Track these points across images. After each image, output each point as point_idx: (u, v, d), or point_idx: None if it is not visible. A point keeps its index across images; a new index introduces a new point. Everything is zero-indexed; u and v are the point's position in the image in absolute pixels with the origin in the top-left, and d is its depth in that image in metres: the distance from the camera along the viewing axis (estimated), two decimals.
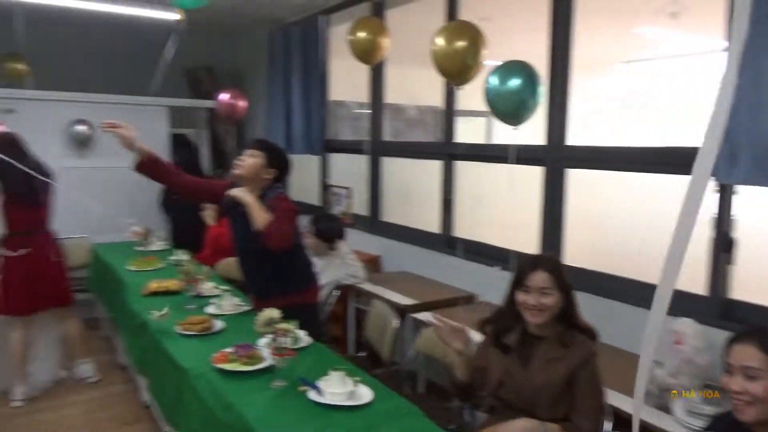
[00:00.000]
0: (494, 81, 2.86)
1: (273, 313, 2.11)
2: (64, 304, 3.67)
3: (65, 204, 3.94)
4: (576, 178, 3.13)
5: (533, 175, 3.25)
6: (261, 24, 5.75)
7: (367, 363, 3.09)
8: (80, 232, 4.55)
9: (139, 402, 3.49)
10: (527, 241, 3.30)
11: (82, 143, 4.98)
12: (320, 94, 4.99)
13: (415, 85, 5.02)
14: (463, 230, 3.88)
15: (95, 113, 5.02)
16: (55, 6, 4.29)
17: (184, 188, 3.01)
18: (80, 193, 4.37)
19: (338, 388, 1.93)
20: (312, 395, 1.93)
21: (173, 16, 4.11)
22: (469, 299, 3.51)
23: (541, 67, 2.98)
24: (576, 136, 3.14)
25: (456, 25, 3.22)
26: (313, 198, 5.44)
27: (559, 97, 3.10)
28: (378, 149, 4.59)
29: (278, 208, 2.64)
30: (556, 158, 3.14)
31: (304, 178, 5.46)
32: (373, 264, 4.24)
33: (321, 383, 1.96)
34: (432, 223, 4.03)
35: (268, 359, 2.13)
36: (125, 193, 4.85)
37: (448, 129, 3.88)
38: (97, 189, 4.78)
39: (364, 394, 1.96)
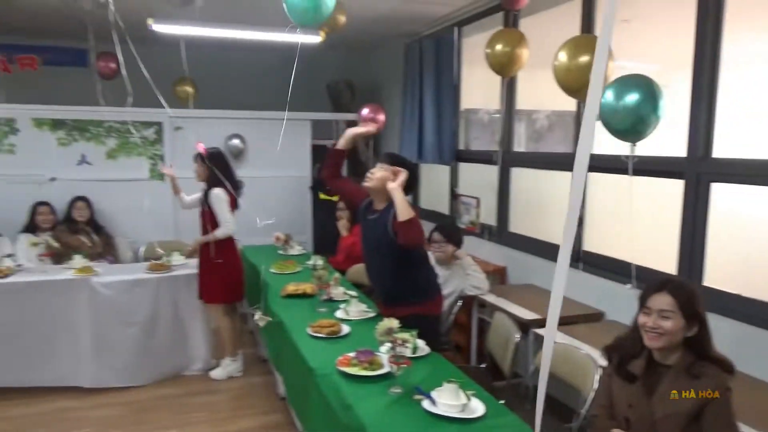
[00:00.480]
0: (609, 97, 2.69)
1: (392, 323, 2.22)
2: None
3: None
4: (721, 193, 2.87)
5: (671, 189, 3.04)
6: (397, 39, 5.97)
7: (488, 375, 3.10)
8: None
9: (276, 394, 3.82)
10: (664, 259, 3.08)
11: (236, 155, 5.53)
12: (452, 104, 5.07)
13: (547, 90, 4.89)
14: (594, 244, 3.71)
15: (248, 128, 5.59)
16: (214, 36, 4.84)
17: (342, 186, 3.33)
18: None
19: (451, 400, 1.98)
20: (426, 405, 2.00)
21: (315, 38, 4.44)
22: (596, 317, 3.36)
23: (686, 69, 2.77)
24: (724, 145, 2.88)
25: (579, 40, 3.11)
26: (442, 207, 5.52)
27: (705, 103, 2.86)
28: (508, 160, 4.55)
29: None
30: (699, 171, 2.91)
31: (433, 186, 5.57)
32: (498, 275, 4.21)
33: (435, 394, 2.02)
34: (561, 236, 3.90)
35: (386, 366, 2.24)
36: (272, 201, 5.30)
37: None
38: (249, 196, 5.28)
39: (477, 407, 1.99)
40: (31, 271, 4.00)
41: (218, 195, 3.88)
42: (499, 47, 3.74)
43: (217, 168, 3.85)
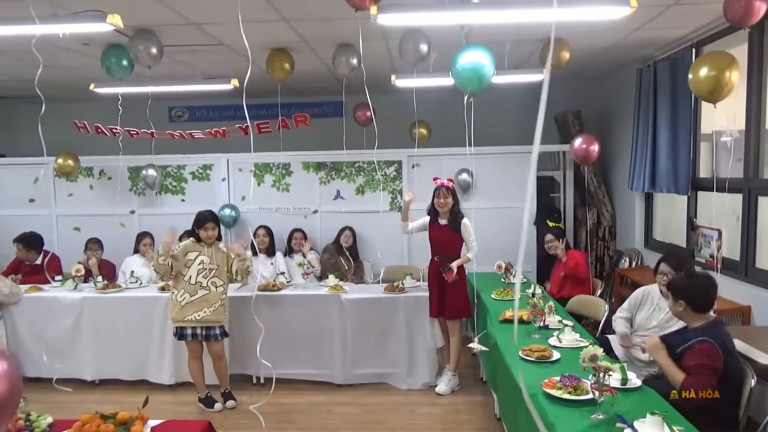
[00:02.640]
0: None
1: (597, 350, 2.30)
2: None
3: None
4: None
5: None
6: (627, 65, 5.81)
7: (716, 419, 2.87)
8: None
9: (493, 414, 4.02)
10: None
11: (464, 189, 5.96)
12: (688, 129, 4.75)
13: None
14: None
15: (476, 163, 5.98)
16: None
17: None
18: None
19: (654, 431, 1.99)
20: None
21: (539, 76, 4.68)
22: None
23: None
24: None
25: None
26: (677, 238, 5.14)
27: None
28: (755, 187, 4.09)
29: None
30: None
31: (667, 216, 5.22)
32: (740, 314, 3.80)
33: (638, 424, 2.05)
34: None
35: (590, 392, 2.31)
36: (496, 231, 5.56)
37: None
38: (475, 226, 5.65)
39: None
40: (297, 287, 4.92)
41: (467, 224, 4.35)
42: (704, 72, 3.45)
43: (455, 200, 4.33)
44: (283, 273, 5.15)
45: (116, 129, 4.86)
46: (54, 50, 4.53)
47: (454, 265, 4.33)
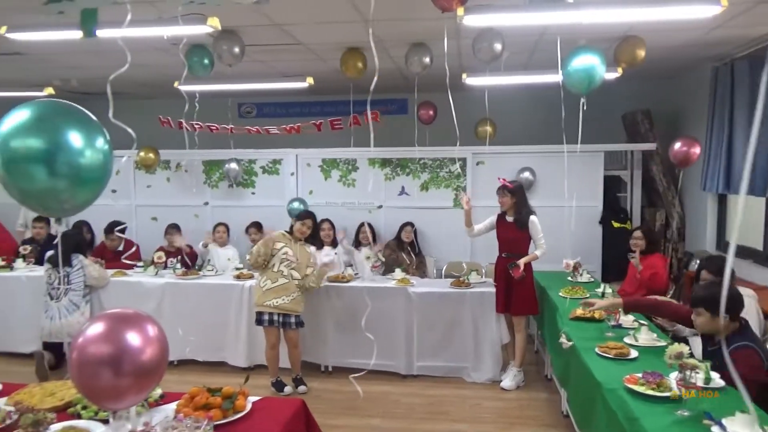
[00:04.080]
0: None
1: (683, 348, 2.33)
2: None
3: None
4: None
5: None
6: (701, 63, 5.67)
7: None
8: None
9: (559, 411, 4.05)
10: None
11: (527, 187, 5.94)
12: None
13: None
14: None
15: (538, 161, 5.97)
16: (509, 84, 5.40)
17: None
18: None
19: (744, 430, 2.00)
20: (715, 430, 2.06)
21: (613, 75, 4.66)
22: None
23: None
24: None
25: None
26: (755, 242, 5.00)
27: None
28: None
29: None
30: None
31: (745, 218, 5.07)
32: None
33: (726, 422, 2.06)
34: None
35: (675, 389, 2.34)
36: (560, 230, 5.54)
37: None
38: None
39: None
40: (365, 279, 5.06)
41: (536, 221, 4.41)
42: None
43: (519, 199, 4.36)
44: (351, 265, 5.31)
45: (197, 124, 5.12)
46: (144, 50, 4.81)
47: (521, 262, 4.37)
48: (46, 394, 2.45)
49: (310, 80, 5.10)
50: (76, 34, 3.37)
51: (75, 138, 1.31)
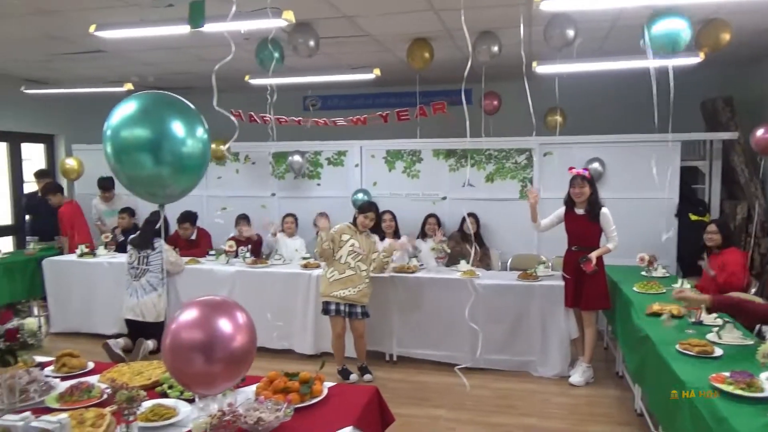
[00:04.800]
0: None
1: None
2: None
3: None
4: None
5: None
6: None
7: None
8: None
9: (631, 409, 3.92)
10: None
11: (596, 179, 5.76)
12: None
13: None
14: None
15: (609, 152, 5.78)
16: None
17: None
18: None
19: None
20: None
21: (695, 59, 4.43)
22: None
23: None
24: None
25: None
26: None
27: None
28: None
29: None
30: None
31: None
32: None
33: None
34: None
35: (767, 390, 2.22)
36: (631, 223, 5.35)
37: None
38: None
39: None
40: (429, 270, 5.06)
41: (607, 213, 4.31)
42: None
43: (594, 189, 4.25)
44: (416, 256, 5.32)
45: (266, 117, 5.25)
46: (219, 45, 4.97)
47: (593, 255, 4.25)
48: (134, 373, 2.59)
49: (376, 71, 5.13)
50: (171, 30, 3.53)
51: (178, 128, 1.37)
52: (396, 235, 5.61)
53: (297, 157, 6.47)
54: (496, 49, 4.51)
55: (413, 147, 6.28)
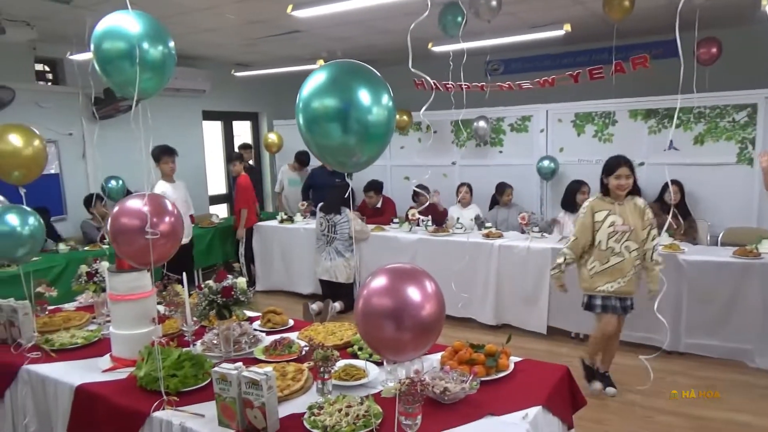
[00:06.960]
0: None
1: None
2: None
3: None
4: None
5: None
6: None
7: None
8: None
9: None
10: None
11: None
12: None
13: None
14: None
15: None
16: None
17: None
18: None
19: None
20: None
21: None
22: None
23: None
24: None
25: None
26: None
27: None
28: None
29: None
30: None
31: None
32: None
33: None
34: None
35: None
36: None
37: None
38: None
39: None
40: None
41: None
42: None
43: None
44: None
45: (449, 84, 5.18)
46: (395, 16, 5.01)
47: None
48: (328, 332, 2.76)
49: (567, 27, 4.73)
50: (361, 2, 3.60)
51: (364, 96, 1.37)
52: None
53: (482, 123, 6.33)
54: None
55: (606, 108, 5.75)
